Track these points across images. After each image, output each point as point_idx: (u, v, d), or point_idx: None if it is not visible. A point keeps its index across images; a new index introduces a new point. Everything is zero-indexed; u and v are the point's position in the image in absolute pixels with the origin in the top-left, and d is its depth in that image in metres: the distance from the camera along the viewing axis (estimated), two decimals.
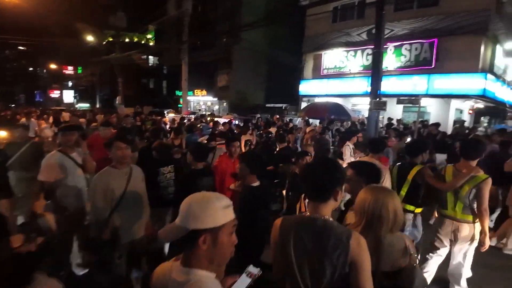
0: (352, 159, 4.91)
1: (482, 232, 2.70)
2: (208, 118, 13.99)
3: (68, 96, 37.49)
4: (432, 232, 3.06)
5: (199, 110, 28.01)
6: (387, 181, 3.05)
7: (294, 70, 18.56)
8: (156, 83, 36.02)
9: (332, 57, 15.52)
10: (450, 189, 2.76)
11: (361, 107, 14.81)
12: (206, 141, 4.75)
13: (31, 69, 41.71)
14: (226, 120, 11.10)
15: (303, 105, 16.81)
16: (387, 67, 12.03)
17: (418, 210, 3.06)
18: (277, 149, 5.56)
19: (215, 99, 26.93)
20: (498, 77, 13.17)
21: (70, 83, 37.93)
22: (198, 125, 9.87)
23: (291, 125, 10.58)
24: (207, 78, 26.32)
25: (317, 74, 16.25)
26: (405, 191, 3.03)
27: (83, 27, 24.13)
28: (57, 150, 2.99)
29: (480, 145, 2.85)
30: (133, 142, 4.68)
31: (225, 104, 25.97)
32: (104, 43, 27.42)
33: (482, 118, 16.61)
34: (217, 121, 10.25)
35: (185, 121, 12.08)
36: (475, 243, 2.77)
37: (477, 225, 2.74)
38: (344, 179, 1.44)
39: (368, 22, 13.04)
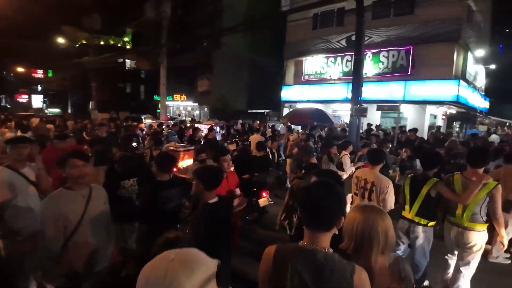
0: (353, 169, 4.82)
1: (498, 235, 2.80)
2: (188, 124, 13.53)
3: (37, 101, 35.45)
4: (440, 242, 3.10)
5: (179, 115, 27.34)
6: (390, 194, 2.99)
7: (276, 76, 18.55)
8: (134, 87, 34.91)
9: (313, 63, 15.65)
10: (467, 201, 2.72)
11: (341, 112, 14.98)
12: (196, 153, 4.46)
13: None
14: (207, 126, 10.74)
15: (285, 110, 16.79)
16: (366, 74, 12.21)
17: (432, 223, 3.02)
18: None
19: (196, 104, 26.41)
20: (469, 83, 13.80)
21: (39, 87, 35.90)
22: (164, 132, 9.50)
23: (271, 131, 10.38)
24: (187, 82, 25.80)
25: (299, 80, 16.31)
26: (419, 204, 2.97)
27: (54, 29, 22.92)
28: (5, 165, 2.58)
29: (487, 153, 2.93)
30: (105, 154, 4.27)
31: (206, 109, 25.53)
32: (78, 45, 26.20)
33: (454, 123, 17.37)
34: (197, 127, 9.83)
35: (164, 127, 11.61)
36: (480, 253, 2.79)
37: (483, 234, 2.77)
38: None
39: (347, 29, 13.28)
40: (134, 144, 6.57)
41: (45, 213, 1.94)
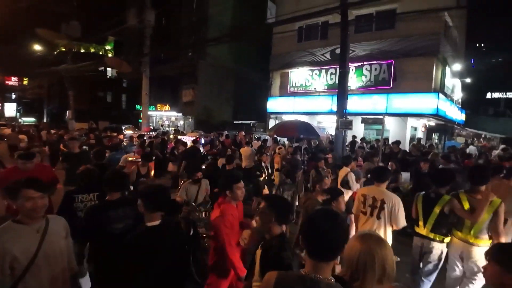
0: (358, 186, 4.73)
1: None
2: (172, 136, 13.11)
3: (10, 109, 33.74)
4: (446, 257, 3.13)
5: (162, 125, 26.75)
6: (401, 211, 2.99)
7: (262, 87, 18.55)
8: (115, 96, 33.99)
9: (298, 76, 15.76)
10: (478, 220, 2.79)
11: (326, 124, 15.08)
12: (189, 170, 4.18)
13: None
14: (191, 138, 10.36)
15: (271, 122, 16.72)
16: (350, 87, 12.37)
17: (447, 239, 3.07)
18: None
19: (180, 114, 25.93)
20: (447, 96, 14.32)
21: (13, 95, 34.23)
22: (124, 143, 9.15)
23: (259, 143, 10.19)
24: (171, 92, 25.38)
25: (284, 91, 16.36)
26: (433, 221, 3.02)
27: (31, 34, 21.95)
28: None
29: (488, 171, 3.06)
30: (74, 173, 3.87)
31: (190, 119, 25.08)
32: (56, 52, 25.26)
33: (433, 135, 17.94)
34: (179, 140, 9.38)
35: (145, 138, 11.16)
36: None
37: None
38: None
39: (331, 42, 13.52)
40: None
41: None
